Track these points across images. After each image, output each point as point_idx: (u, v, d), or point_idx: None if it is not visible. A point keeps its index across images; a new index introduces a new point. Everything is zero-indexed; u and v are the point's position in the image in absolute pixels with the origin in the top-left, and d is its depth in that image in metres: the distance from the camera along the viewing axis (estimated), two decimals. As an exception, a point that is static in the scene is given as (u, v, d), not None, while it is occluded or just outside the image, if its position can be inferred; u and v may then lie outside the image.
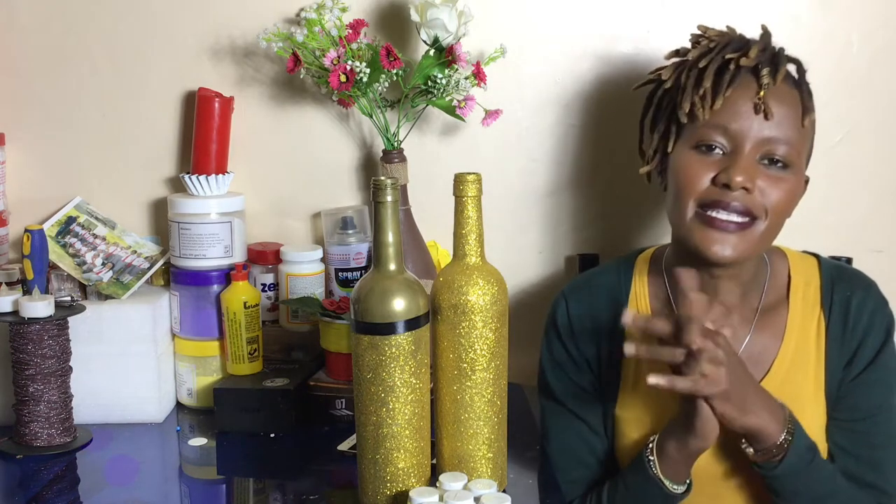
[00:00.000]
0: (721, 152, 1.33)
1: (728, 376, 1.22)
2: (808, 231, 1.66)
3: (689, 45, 1.41)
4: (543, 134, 1.76)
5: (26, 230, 1.50)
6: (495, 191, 1.76)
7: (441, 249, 1.75)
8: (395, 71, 1.59)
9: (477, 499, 1.17)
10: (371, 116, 1.66)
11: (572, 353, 1.46)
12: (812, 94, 1.37)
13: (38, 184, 1.77)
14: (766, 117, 1.31)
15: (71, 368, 1.51)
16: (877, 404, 1.39)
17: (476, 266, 1.26)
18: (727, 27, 1.43)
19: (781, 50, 1.39)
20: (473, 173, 1.24)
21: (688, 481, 1.34)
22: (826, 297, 1.41)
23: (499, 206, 1.76)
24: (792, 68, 1.38)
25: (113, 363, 1.58)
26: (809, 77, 1.39)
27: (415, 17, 1.61)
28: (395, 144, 1.67)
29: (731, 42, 1.37)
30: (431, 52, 1.63)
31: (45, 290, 1.51)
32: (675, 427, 1.31)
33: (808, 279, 1.43)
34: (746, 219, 1.31)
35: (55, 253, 1.64)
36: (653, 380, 1.21)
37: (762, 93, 1.31)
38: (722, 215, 1.31)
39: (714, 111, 1.32)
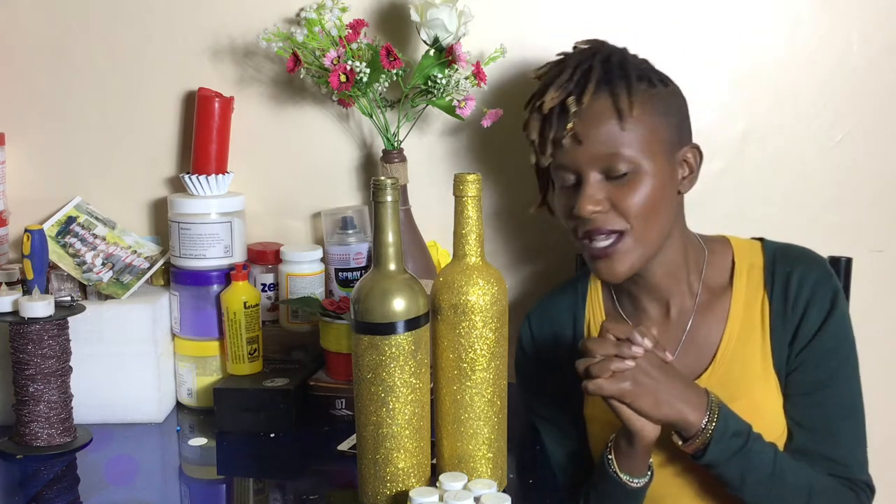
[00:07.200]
0: (576, 182, 1.37)
1: (633, 375, 1.26)
2: (809, 231, 1.67)
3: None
4: (543, 134, 1.76)
5: (26, 230, 1.50)
6: (495, 190, 1.76)
7: (441, 249, 1.75)
8: (395, 71, 1.59)
9: (477, 499, 1.17)
10: (371, 116, 1.66)
11: (539, 368, 1.53)
12: (632, 87, 1.35)
13: (38, 184, 1.77)
14: (579, 144, 1.35)
15: (71, 368, 1.51)
16: (828, 376, 1.40)
17: (476, 266, 1.26)
18: (557, 55, 1.44)
19: (597, 58, 1.38)
20: (473, 173, 1.24)
21: (648, 473, 1.36)
22: (768, 276, 1.43)
23: (499, 205, 1.76)
24: (623, 66, 1.38)
25: (113, 363, 1.58)
26: (810, 77, 1.38)
27: (415, 17, 1.61)
28: (395, 144, 1.67)
29: (542, 85, 1.40)
30: (431, 52, 1.63)
31: (45, 290, 1.51)
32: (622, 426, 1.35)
33: (752, 262, 1.45)
34: (613, 238, 1.36)
35: (55, 253, 1.64)
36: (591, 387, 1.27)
37: (569, 125, 1.34)
38: (594, 243, 1.37)
39: (552, 155, 1.37)
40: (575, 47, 1.45)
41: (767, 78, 1.74)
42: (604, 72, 1.37)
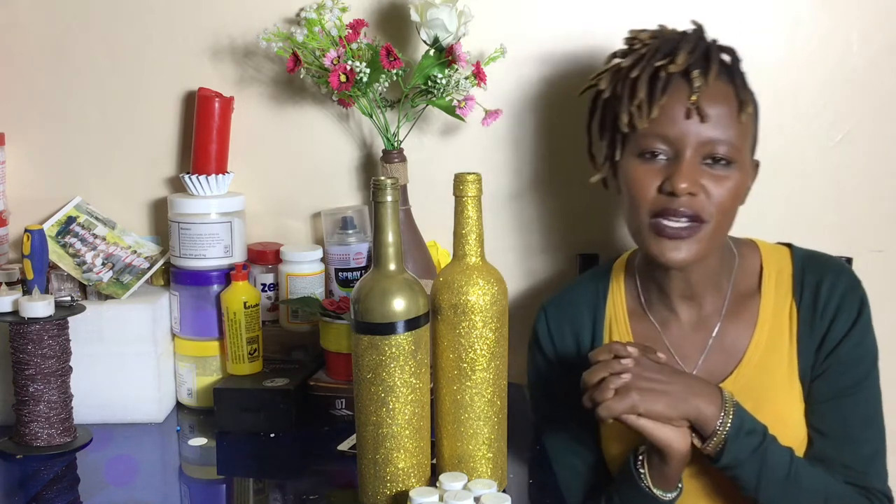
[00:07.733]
0: (665, 158, 1.34)
1: (635, 384, 1.26)
2: (809, 231, 1.67)
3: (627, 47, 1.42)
4: (544, 133, 1.76)
5: (26, 230, 1.50)
6: (495, 190, 1.76)
7: (441, 249, 1.75)
8: (395, 71, 1.59)
9: (477, 499, 1.17)
10: (371, 116, 1.66)
11: (556, 366, 1.50)
12: (747, 84, 1.38)
13: (38, 184, 1.77)
14: (701, 120, 1.32)
15: (71, 368, 1.51)
16: (851, 384, 1.40)
17: (476, 266, 1.26)
18: (659, 26, 1.44)
19: (714, 44, 1.39)
20: (473, 173, 1.24)
21: (679, 486, 1.35)
22: (797, 283, 1.43)
23: (499, 205, 1.76)
24: (727, 61, 1.39)
25: (113, 363, 1.58)
26: (809, 77, 1.38)
27: (415, 17, 1.61)
28: (395, 144, 1.67)
29: (662, 46, 1.37)
30: (431, 52, 1.63)
31: (45, 290, 1.51)
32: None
33: (780, 268, 1.45)
34: (695, 223, 1.33)
35: (55, 253, 1.64)
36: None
37: (694, 97, 1.32)
38: (671, 223, 1.33)
39: (652, 119, 1.33)
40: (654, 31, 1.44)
41: (767, 78, 1.73)
42: (720, 60, 1.37)
